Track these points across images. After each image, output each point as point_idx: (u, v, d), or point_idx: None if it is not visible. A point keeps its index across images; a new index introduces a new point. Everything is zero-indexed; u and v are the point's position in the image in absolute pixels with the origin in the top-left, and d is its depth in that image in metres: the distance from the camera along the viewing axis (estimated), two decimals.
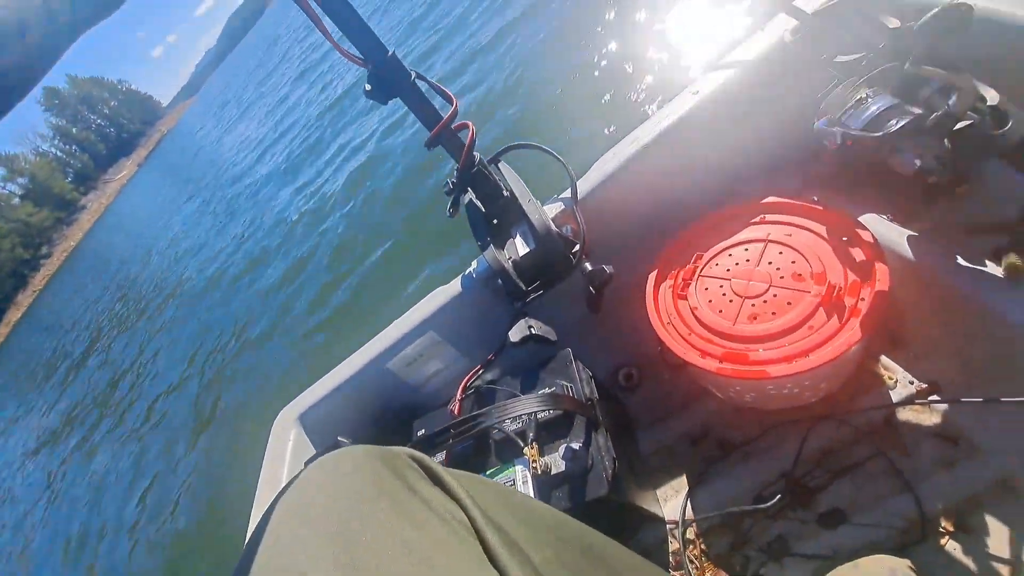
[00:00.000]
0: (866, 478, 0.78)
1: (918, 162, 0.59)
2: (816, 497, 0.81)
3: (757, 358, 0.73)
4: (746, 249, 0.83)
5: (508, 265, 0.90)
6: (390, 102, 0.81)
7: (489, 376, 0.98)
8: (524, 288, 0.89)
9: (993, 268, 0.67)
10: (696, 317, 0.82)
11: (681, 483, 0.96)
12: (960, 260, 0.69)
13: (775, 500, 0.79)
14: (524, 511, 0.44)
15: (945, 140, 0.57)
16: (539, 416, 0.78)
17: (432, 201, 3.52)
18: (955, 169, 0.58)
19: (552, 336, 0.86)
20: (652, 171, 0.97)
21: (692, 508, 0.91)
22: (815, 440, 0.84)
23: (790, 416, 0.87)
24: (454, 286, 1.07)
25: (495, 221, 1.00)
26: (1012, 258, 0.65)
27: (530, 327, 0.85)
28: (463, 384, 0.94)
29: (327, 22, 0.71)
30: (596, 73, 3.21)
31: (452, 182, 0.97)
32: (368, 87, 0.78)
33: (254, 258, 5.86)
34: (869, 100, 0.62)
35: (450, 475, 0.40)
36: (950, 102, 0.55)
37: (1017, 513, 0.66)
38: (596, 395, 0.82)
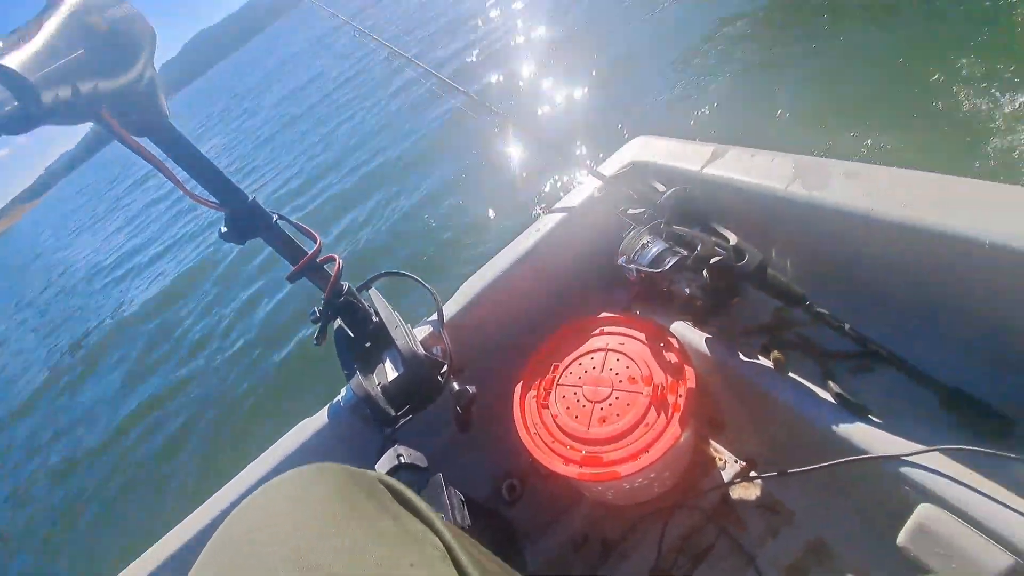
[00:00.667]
0: (717, 559, 0.86)
1: (687, 290, 0.78)
2: None
3: (610, 459, 0.81)
4: (592, 358, 0.95)
5: (376, 391, 0.90)
6: (248, 242, 0.83)
7: None
8: (393, 414, 0.89)
9: (764, 361, 0.86)
10: (557, 425, 0.89)
11: None
12: (742, 356, 0.87)
13: None
14: (487, 551, 0.42)
15: (704, 272, 0.76)
16: None
17: (293, 330, 3.42)
18: (715, 293, 0.78)
19: (422, 462, 0.85)
20: (510, 293, 1.09)
21: None
22: (674, 529, 0.91)
23: (648, 509, 0.94)
24: (320, 417, 1.02)
25: (367, 345, 1.01)
26: (776, 353, 0.84)
27: (399, 456, 0.84)
28: None
29: (180, 172, 0.73)
30: (456, 209, 3.71)
31: (319, 311, 0.97)
32: (224, 229, 0.80)
33: (87, 397, 4.85)
34: (649, 244, 0.83)
35: (422, 501, 0.38)
36: (698, 248, 0.75)
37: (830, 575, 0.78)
38: (468, 522, 0.81)
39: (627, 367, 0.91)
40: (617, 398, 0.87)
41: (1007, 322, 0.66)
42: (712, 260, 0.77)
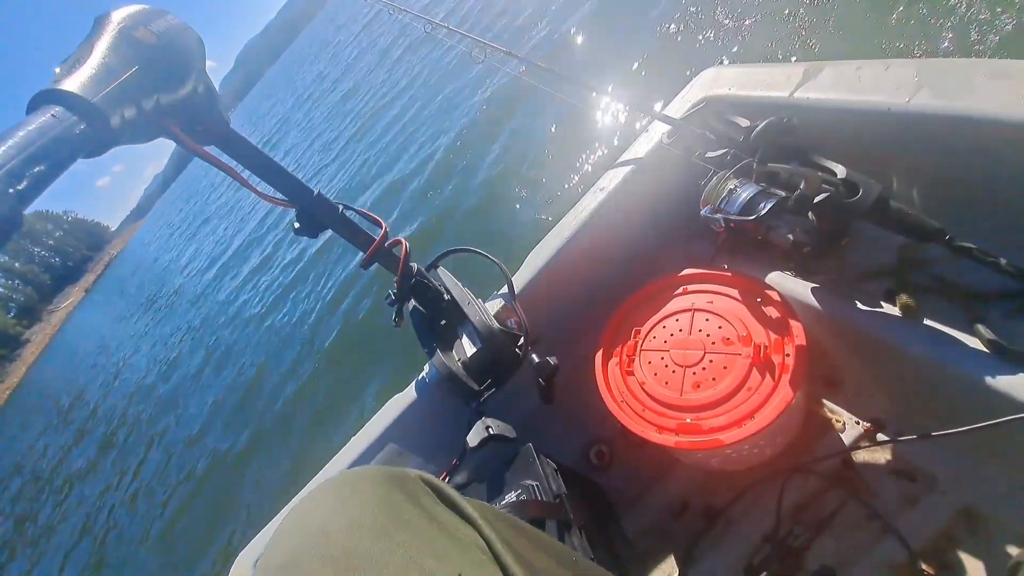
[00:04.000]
0: (844, 529, 0.78)
1: (791, 236, 0.67)
2: (804, 557, 0.80)
3: (710, 426, 0.75)
4: (677, 319, 0.88)
5: (458, 367, 0.91)
6: (320, 235, 0.84)
7: (457, 480, 0.94)
8: (476, 387, 0.89)
9: (889, 308, 0.74)
10: (646, 391, 0.84)
11: (671, 564, 0.92)
12: (859, 305, 0.76)
13: None
14: (541, 543, 0.43)
15: (809, 214, 0.65)
16: None
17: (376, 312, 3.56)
18: (829, 236, 0.67)
19: (511, 433, 0.85)
20: (580, 258, 1.04)
21: None
22: (788, 495, 0.84)
23: (759, 474, 0.87)
24: (409, 393, 1.05)
25: (443, 323, 1.02)
26: (904, 298, 0.72)
27: (488, 428, 0.84)
28: None
29: (249, 174, 0.76)
30: (509, 179, 3.57)
31: (393, 294, 0.99)
32: (297, 225, 0.82)
33: (206, 382, 5.56)
34: (738, 189, 0.72)
35: (465, 499, 0.39)
36: (801, 186, 0.64)
37: (985, 543, 0.67)
38: (564, 489, 0.80)
39: (719, 327, 0.83)
40: (711, 361, 0.80)
41: None
42: (818, 198, 0.66)
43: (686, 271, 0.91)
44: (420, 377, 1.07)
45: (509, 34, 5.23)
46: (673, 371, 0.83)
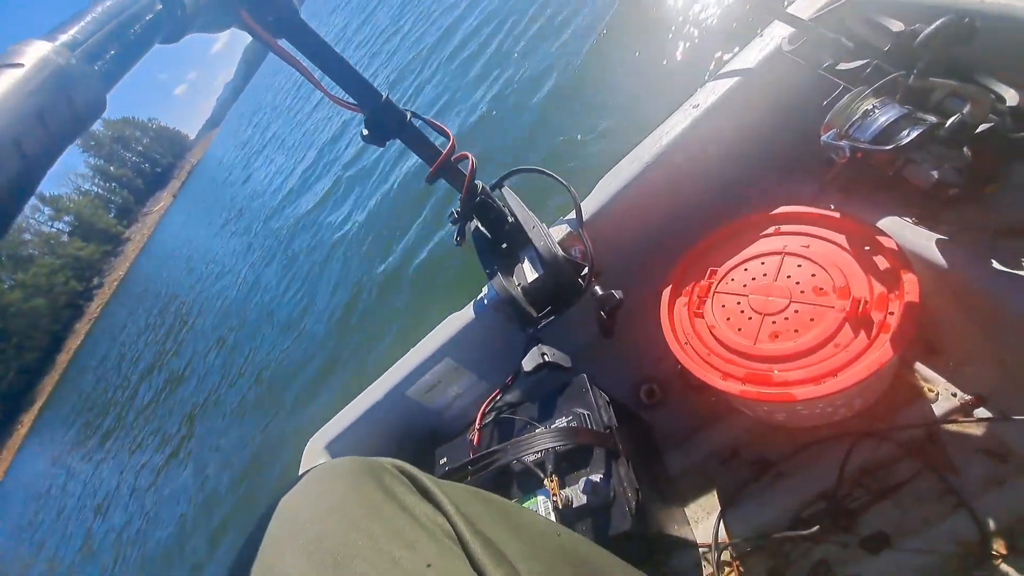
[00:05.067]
0: (912, 500, 0.73)
1: (936, 174, 0.55)
2: (858, 519, 0.77)
3: (782, 379, 0.70)
4: (762, 263, 0.80)
5: (517, 292, 0.90)
6: (388, 143, 0.82)
7: (509, 399, 0.97)
8: (535, 315, 0.88)
9: None
10: (715, 336, 0.79)
11: (712, 504, 0.93)
12: (995, 264, 0.64)
13: (815, 529, 0.75)
14: (521, 525, 0.44)
15: (964, 148, 0.53)
16: (558, 449, 0.76)
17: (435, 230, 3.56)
18: (976, 178, 0.54)
19: (566, 362, 0.85)
20: (657, 187, 0.94)
21: (725, 531, 0.88)
22: (854, 458, 0.79)
23: (825, 433, 0.82)
24: (467, 312, 1.06)
25: (504, 246, 1.00)
26: None
27: (543, 355, 0.84)
28: (482, 410, 0.94)
29: (319, 74, 0.72)
30: (591, 89, 3.16)
31: (457, 212, 0.97)
32: (365, 132, 0.79)
33: (284, 280, 6.06)
34: (877, 110, 0.59)
35: (437, 486, 0.42)
36: (964, 111, 0.51)
37: None
38: (614, 422, 0.80)
39: (813, 275, 0.74)
40: (796, 311, 0.73)
41: None
42: (980, 128, 0.53)
43: (782, 208, 0.81)
44: (479, 298, 1.07)
45: None
46: (750, 318, 0.77)
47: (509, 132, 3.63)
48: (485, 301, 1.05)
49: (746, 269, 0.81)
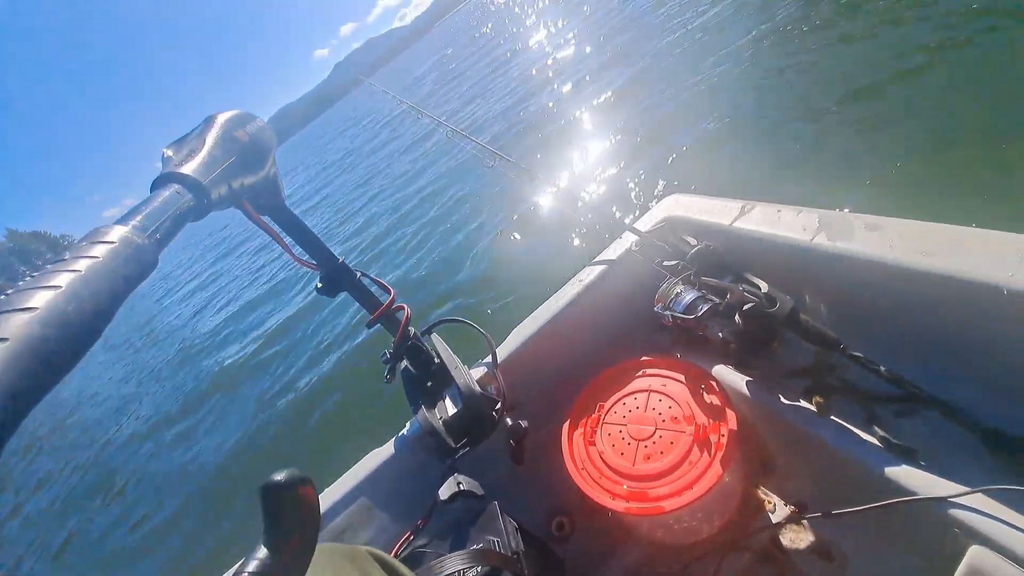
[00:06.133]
0: None
1: (721, 334, 0.84)
2: None
3: (655, 494, 0.85)
4: (635, 398, 1.02)
5: (439, 425, 1.01)
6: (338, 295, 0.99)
7: (420, 541, 0.99)
8: (453, 445, 0.99)
9: (806, 404, 0.89)
10: (604, 461, 0.95)
11: None
12: (783, 399, 0.90)
13: None
14: None
15: (736, 318, 0.82)
16: (467, 572, 0.81)
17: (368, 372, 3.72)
18: (750, 338, 0.84)
19: (479, 491, 0.93)
20: (557, 338, 1.19)
21: None
22: (725, 571, 0.92)
23: (701, 549, 0.95)
24: (388, 448, 1.13)
25: (429, 384, 1.13)
26: (817, 398, 0.87)
27: (459, 483, 0.92)
28: (394, 552, 0.95)
29: (290, 240, 0.92)
30: (508, 263, 4.04)
31: (389, 353, 1.12)
32: (320, 285, 0.97)
33: (182, 426, 5.34)
34: (683, 293, 0.90)
35: (404, 568, 0.45)
36: (728, 296, 0.82)
37: None
38: (522, 547, 0.87)
39: (669, 407, 0.96)
40: (660, 436, 0.92)
41: None
42: (744, 306, 0.84)
43: (645, 357, 1.06)
44: (400, 433, 1.16)
45: (520, 150, 5.94)
46: (628, 443, 0.94)
47: (446, 290, 4.22)
48: (407, 435, 1.14)
49: (624, 403, 1.02)
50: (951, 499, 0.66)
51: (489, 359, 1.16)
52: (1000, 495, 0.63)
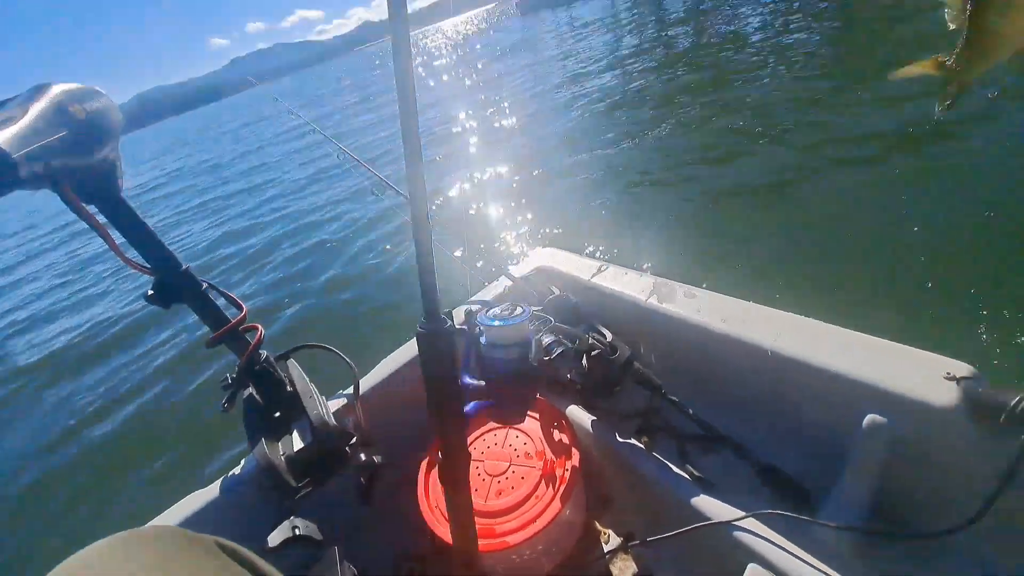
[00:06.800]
0: None
1: (569, 376, 0.94)
2: None
3: (502, 530, 0.88)
4: (495, 434, 1.05)
5: (279, 461, 0.91)
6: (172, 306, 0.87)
7: None
8: (293, 484, 0.90)
9: (637, 442, 1.01)
10: None
11: None
12: (619, 438, 1.02)
13: None
14: None
15: (583, 361, 0.93)
16: None
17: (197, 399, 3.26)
18: (596, 380, 0.95)
19: (318, 535, 0.86)
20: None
21: None
22: None
23: None
24: (212, 489, 0.98)
25: (277, 415, 1.02)
26: (645, 437, 1.00)
27: (295, 528, 0.84)
28: None
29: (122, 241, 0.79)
30: (382, 291, 3.95)
31: (231, 378, 0.99)
32: (150, 292, 0.84)
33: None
34: (544, 337, 0.99)
35: (263, 561, 0.41)
36: (575, 342, 0.93)
37: None
38: None
39: (525, 443, 1.01)
40: (513, 472, 0.96)
41: (803, 417, 0.87)
42: (592, 352, 0.94)
43: None
44: (231, 473, 1.02)
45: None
46: (484, 479, 0.96)
47: (314, 314, 3.95)
48: (239, 475, 1.00)
49: (485, 439, 1.05)
50: (734, 523, 0.80)
51: (351, 390, 1.10)
52: (768, 519, 0.79)
